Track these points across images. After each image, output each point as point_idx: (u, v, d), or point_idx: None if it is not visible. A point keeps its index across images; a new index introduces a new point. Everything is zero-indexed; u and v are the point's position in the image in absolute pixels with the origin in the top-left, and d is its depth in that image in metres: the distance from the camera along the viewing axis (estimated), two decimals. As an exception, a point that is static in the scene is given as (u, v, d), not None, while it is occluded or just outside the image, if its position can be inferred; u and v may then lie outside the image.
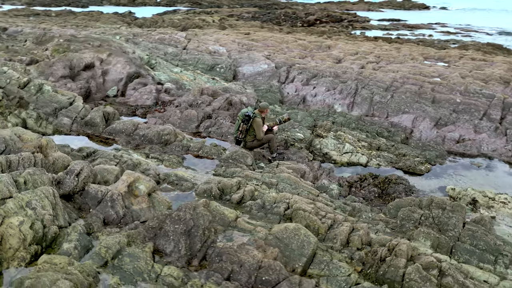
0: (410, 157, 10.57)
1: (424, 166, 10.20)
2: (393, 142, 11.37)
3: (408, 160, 10.35)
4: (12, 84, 11.48)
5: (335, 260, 5.33)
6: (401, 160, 10.48)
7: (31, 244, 5.31)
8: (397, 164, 10.42)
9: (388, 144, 11.24)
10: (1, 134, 7.74)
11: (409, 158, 10.45)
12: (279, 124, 8.81)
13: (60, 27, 29.53)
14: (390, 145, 11.18)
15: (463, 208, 6.37)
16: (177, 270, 4.89)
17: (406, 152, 10.78)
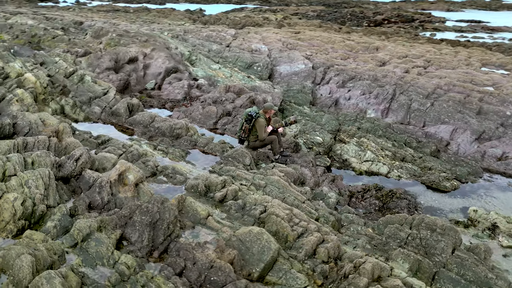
0: (436, 171, 9.73)
1: (450, 182, 9.33)
2: (421, 154, 10.55)
3: (432, 174, 9.54)
4: (60, 73, 12.66)
5: (293, 270, 5.15)
6: (426, 174, 9.69)
7: (20, 219, 5.86)
8: (420, 178, 9.67)
9: (415, 155, 10.46)
10: (28, 118, 8.62)
11: (434, 173, 9.63)
12: (285, 126, 8.65)
13: (129, 22, 31.74)
14: (417, 157, 10.39)
15: (456, 232, 5.74)
16: (132, 259, 5.08)
17: (433, 165, 9.94)
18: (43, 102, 11.25)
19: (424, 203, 8.81)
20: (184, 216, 6.03)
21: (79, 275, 4.89)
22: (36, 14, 34.95)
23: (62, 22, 30.24)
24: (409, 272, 5.37)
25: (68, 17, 32.71)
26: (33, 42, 18.48)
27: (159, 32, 19.33)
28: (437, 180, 9.32)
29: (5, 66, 12.58)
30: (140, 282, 4.82)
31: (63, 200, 6.44)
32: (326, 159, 10.40)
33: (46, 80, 11.81)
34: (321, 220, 6.47)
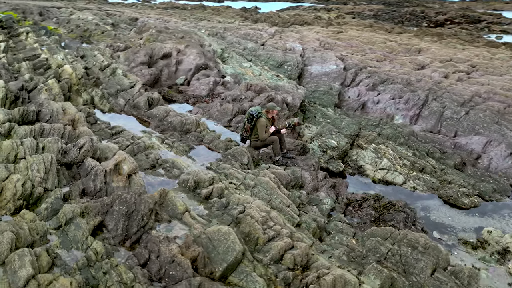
0: (456, 185, 9.01)
1: (469, 199, 8.59)
2: (444, 166, 9.82)
3: (451, 188, 8.85)
4: (96, 66, 13.50)
5: (254, 274, 5.08)
6: (444, 187, 9.02)
7: (19, 199, 6.38)
8: (437, 191, 9.02)
9: (436, 167, 9.76)
10: (51, 107, 9.31)
11: (453, 187, 8.93)
12: (288, 127, 8.46)
13: (181, 19, 32.90)
14: (439, 169, 9.69)
15: (439, 252, 5.28)
16: (101, 246, 5.31)
17: (453, 179, 9.21)
18: (77, 93, 12.07)
19: (435, 219, 8.21)
20: (164, 210, 6.18)
21: (52, 256, 5.21)
22: (100, 10, 37.47)
23: (120, 18, 32.12)
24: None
25: (127, 14, 34.65)
26: (84, 36, 19.87)
27: (197, 29, 19.84)
28: (455, 195, 8.62)
29: (49, 58, 13.68)
30: (103, 268, 5.03)
31: (62, 185, 6.89)
32: (339, 164, 10.06)
33: (82, 72, 12.66)
34: (302, 226, 6.29)
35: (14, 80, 11.24)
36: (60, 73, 12.33)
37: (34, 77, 11.76)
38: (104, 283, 4.87)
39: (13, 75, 11.73)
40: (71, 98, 11.75)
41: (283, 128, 8.37)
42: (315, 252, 5.78)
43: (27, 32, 17.62)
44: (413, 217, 7.12)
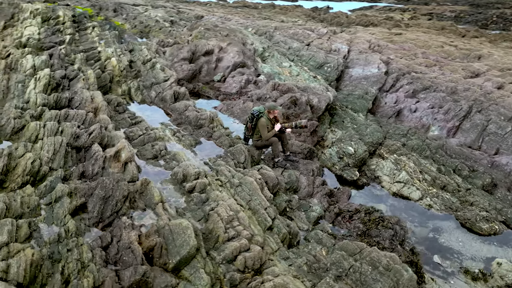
0: (477, 208, 8.10)
1: (488, 225, 7.68)
2: (471, 186, 8.86)
3: (471, 211, 7.98)
4: (140, 60, 14.41)
5: (202, 270, 5.12)
6: (464, 209, 8.16)
7: (27, 175, 7.12)
8: (454, 212, 8.20)
9: (461, 186, 8.85)
10: (82, 95, 10.18)
11: (473, 209, 8.04)
12: (294, 128, 8.17)
13: (244, 18, 33.59)
14: (464, 188, 8.77)
15: (401, 276, 4.80)
16: (73, 225, 5.74)
17: (476, 201, 8.29)
18: (117, 83, 13.01)
19: (444, 242, 7.49)
20: (142, 198, 6.47)
21: (32, 228, 5.76)
22: (173, 8, 39.68)
23: (187, 15, 33.70)
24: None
25: (196, 12, 36.29)
26: (144, 32, 21.25)
27: (244, 28, 20.07)
28: (474, 218, 7.76)
29: (102, 51, 14.90)
30: (69, 245, 5.44)
31: (67, 166, 7.53)
32: (354, 172, 9.61)
33: (125, 65, 13.60)
34: (274, 230, 6.16)
35: (64, 69, 12.46)
36: (106, 65, 13.39)
37: (82, 67, 12.92)
38: (65, 259, 5.26)
39: (64, 64, 13.00)
40: (111, 88, 12.72)
41: (289, 128, 8.11)
42: (276, 258, 5.64)
43: (93, 27, 19.33)
44: (402, 235, 6.54)
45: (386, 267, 4.97)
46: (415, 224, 8.05)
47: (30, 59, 12.71)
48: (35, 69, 12.16)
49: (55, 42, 16.17)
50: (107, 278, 4.91)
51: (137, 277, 4.89)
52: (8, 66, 12.70)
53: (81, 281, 4.99)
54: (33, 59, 12.67)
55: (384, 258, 5.09)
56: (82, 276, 5.06)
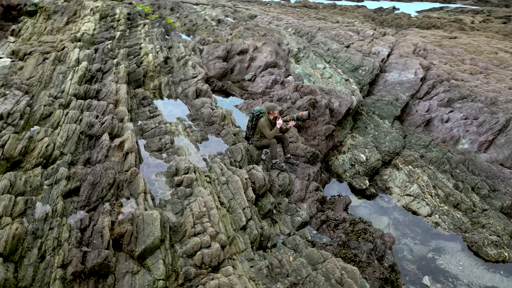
0: (488, 231, 7.38)
1: (496, 251, 6.97)
2: (488, 206, 8.09)
3: (479, 234, 7.30)
4: (175, 56, 15.04)
5: (161, 261, 5.31)
6: (473, 230, 7.49)
7: (40, 157, 7.84)
8: (463, 233, 7.55)
9: (478, 205, 8.12)
10: (109, 87, 10.89)
11: (483, 232, 7.35)
12: (296, 120, 7.91)
13: (296, 18, 33.40)
14: (480, 208, 8.04)
15: (350, 292, 4.55)
16: (61, 206, 6.23)
17: (489, 223, 7.56)
18: (150, 78, 13.71)
19: (442, 264, 6.95)
20: (130, 187, 6.82)
21: (28, 206, 6.36)
22: (232, 7, 40.60)
23: (242, 14, 34.32)
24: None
25: (251, 11, 36.83)
26: (191, 30, 22.06)
27: (283, 28, 19.94)
28: (481, 242, 7.09)
29: (143, 47, 15.78)
30: (52, 224, 5.93)
31: (77, 152, 8.16)
32: (363, 181, 9.24)
33: (160, 61, 14.29)
34: (247, 231, 6.16)
35: (103, 63, 13.42)
36: (142, 60, 14.17)
37: (121, 61, 13.81)
38: (45, 236, 5.75)
39: (105, 58, 13.98)
40: (145, 83, 13.43)
41: (291, 121, 7.90)
42: (240, 258, 5.65)
43: (144, 24, 20.52)
44: (383, 251, 6.15)
45: (339, 280, 4.75)
46: (415, 242, 7.55)
47: (76, 52, 13.87)
48: (78, 61, 13.23)
49: (106, 38, 17.43)
50: (74, 258, 5.29)
51: (99, 260, 5.20)
52: (58, 58, 13.97)
53: (53, 258, 5.43)
54: (78, 52, 13.81)
55: (338, 270, 4.86)
56: (55, 253, 5.50)
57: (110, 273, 5.29)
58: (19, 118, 9.09)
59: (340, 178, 9.71)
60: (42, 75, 12.40)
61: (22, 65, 14.05)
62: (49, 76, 12.36)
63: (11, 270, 5.18)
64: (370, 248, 6.05)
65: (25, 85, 11.61)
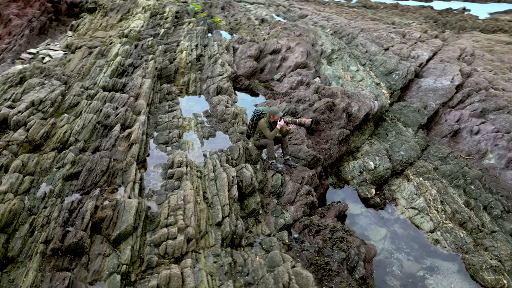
0: (490, 255, 6.79)
1: (494, 276, 6.40)
2: (498, 228, 7.42)
3: (479, 257, 6.75)
4: (207, 55, 15.48)
5: (129, 247, 5.62)
6: (474, 252, 6.94)
7: (58, 142, 8.59)
8: (463, 254, 7.03)
9: (487, 226, 7.49)
10: (135, 82, 11.53)
11: (483, 255, 6.78)
12: (297, 125, 7.81)
13: (348, 18, 32.55)
14: (488, 230, 7.41)
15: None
16: (59, 188, 6.81)
17: (493, 246, 6.94)
18: (181, 75, 14.29)
19: (431, 284, 6.54)
20: (124, 176, 7.24)
21: (33, 185, 7.04)
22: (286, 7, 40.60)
23: (294, 14, 34.22)
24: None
25: (304, 11, 36.57)
26: (234, 28, 22.49)
27: (320, 28, 19.50)
28: (479, 265, 6.55)
29: (180, 44, 16.45)
30: (46, 204, 6.52)
31: (91, 140, 8.81)
32: (369, 190, 8.92)
33: (193, 58, 14.82)
34: (221, 228, 6.28)
35: (139, 59, 14.23)
36: (176, 57, 14.80)
37: (156, 58, 14.54)
38: (38, 214, 6.34)
39: (143, 54, 14.80)
40: (175, 78, 14.02)
41: (292, 124, 7.86)
42: (206, 253, 5.79)
43: (189, 22, 21.33)
44: (355, 261, 5.90)
45: (287, 284, 4.70)
46: (409, 257, 7.16)
47: (117, 48, 14.85)
48: (117, 56, 14.16)
49: (150, 35, 18.42)
50: (55, 236, 5.78)
51: (74, 240, 5.64)
52: (101, 52, 15.06)
53: (40, 234, 5.99)
54: (118, 48, 14.78)
55: (288, 275, 4.80)
56: (43, 230, 6.05)
57: (85, 253, 5.71)
58: (49, 106, 10.00)
59: (348, 185, 9.44)
60: (82, 68, 13.48)
61: (71, 58, 15.38)
62: (88, 68, 13.40)
63: (2, 241, 5.79)
64: (342, 257, 5.86)
65: (66, 76, 12.69)
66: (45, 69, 12.62)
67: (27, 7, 20.72)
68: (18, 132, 8.67)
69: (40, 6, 20.97)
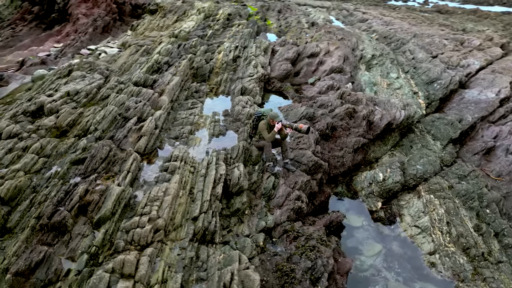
0: (486, 286, 6.10)
1: (486, 311, 5.74)
2: (506, 258, 6.62)
3: (475, 287, 6.11)
4: (244, 56, 15.73)
5: (102, 230, 6.00)
6: (470, 281, 6.30)
7: (80, 130, 9.37)
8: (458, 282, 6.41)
9: (493, 255, 6.73)
10: (164, 79, 12.12)
11: (480, 286, 6.11)
12: (293, 129, 7.64)
13: (411, 24, 30.83)
14: (494, 260, 6.65)
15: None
16: (64, 171, 7.46)
17: (492, 277, 6.22)
18: (216, 74, 14.70)
19: (412, 309, 6.06)
20: (122, 165, 7.69)
21: (45, 166, 7.79)
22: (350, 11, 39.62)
23: (355, 18, 33.31)
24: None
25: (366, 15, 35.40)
26: (283, 31, 22.51)
27: (366, 33, 18.60)
28: (471, 297, 5.92)
29: (221, 45, 16.92)
30: (49, 183, 7.18)
31: (109, 130, 9.47)
32: (375, 203, 8.49)
33: (229, 59, 15.18)
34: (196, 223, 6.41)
35: (179, 57, 14.92)
36: (212, 57, 15.27)
37: (194, 57, 15.13)
38: (39, 192, 7.01)
39: (181, 53, 15.48)
40: (210, 77, 14.48)
41: (289, 128, 7.74)
42: (173, 245, 5.97)
43: (239, 24, 21.82)
44: (321, 273, 5.61)
45: (228, 284, 4.66)
46: (398, 278, 6.68)
47: (160, 46, 15.73)
48: (159, 54, 15.00)
49: (198, 35, 19.20)
50: (45, 213, 6.36)
51: (58, 219, 6.15)
52: (147, 50, 16.07)
53: (35, 210, 6.62)
54: (161, 47, 15.64)
55: (230, 275, 4.75)
56: (39, 207, 6.68)
57: (67, 231, 6.20)
58: (83, 97, 10.93)
59: (356, 196, 9.04)
60: (125, 64, 14.49)
61: (121, 55, 16.61)
62: (130, 64, 14.37)
63: (3, 212, 6.51)
64: (308, 266, 5.64)
65: (109, 70, 13.73)
66: (92, 64, 13.79)
67: (94, 8, 22.77)
68: (49, 118, 9.63)
69: (106, 7, 22.92)
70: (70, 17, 22.13)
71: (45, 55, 17.66)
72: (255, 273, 5.09)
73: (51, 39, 20.12)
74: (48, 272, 5.56)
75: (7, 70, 15.39)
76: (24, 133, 8.93)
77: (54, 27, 22.43)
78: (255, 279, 4.94)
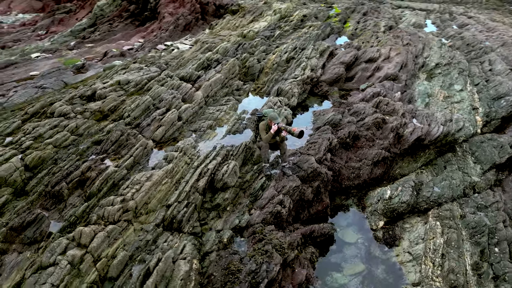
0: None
1: None
2: (500, 308, 5.63)
3: (443, 331, 5.37)
4: (297, 58, 15.60)
5: (86, 204, 6.74)
6: (443, 325, 5.56)
7: (116, 116, 10.46)
8: (430, 322, 5.70)
9: (486, 300, 5.80)
10: (207, 76, 12.72)
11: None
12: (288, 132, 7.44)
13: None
14: (486, 305, 5.72)
15: None
16: (84, 148, 8.49)
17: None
18: (265, 74, 14.91)
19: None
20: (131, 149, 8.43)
21: (73, 143, 8.95)
22: (452, 15, 36.04)
23: (451, 22, 30.30)
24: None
25: (468, 21, 31.82)
26: (356, 34, 21.55)
27: (442, 39, 16.57)
28: None
29: (279, 46, 17.03)
30: (69, 158, 8.24)
31: (140, 117, 10.37)
32: (377, 221, 7.90)
33: (281, 60, 15.27)
34: (167, 211, 6.77)
35: (233, 56, 15.48)
36: (265, 57, 15.50)
37: (249, 57, 15.54)
38: (57, 164, 8.10)
39: (238, 52, 15.99)
40: (259, 77, 14.78)
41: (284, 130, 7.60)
42: (139, 227, 6.43)
43: (310, 26, 21.61)
44: (262, 278, 5.41)
45: (152, 268, 4.90)
46: (367, 304, 6.17)
47: (219, 45, 16.50)
48: (217, 52, 15.78)
49: (265, 36, 19.60)
50: (51, 182, 7.37)
51: (57, 188, 7.11)
52: (209, 48, 17.00)
53: (48, 179, 7.70)
54: (220, 45, 16.39)
55: (155, 261, 4.96)
56: (52, 176, 7.74)
57: (63, 200, 7.11)
58: (132, 87, 12.13)
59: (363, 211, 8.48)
60: (183, 59, 15.56)
61: (188, 51, 17.85)
62: (187, 60, 15.39)
63: (24, 177, 7.72)
64: (252, 269, 5.54)
65: (166, 65, 14.92)
66: (154, 58, 15.14)
67: (181, 7, 24.75)
68: (96, 103, 10.96)
69: (190, 6, 24.74)
70: (158, 15, 24.46)
71: (128, 48, 19.87)
72: (186, 265, 5.25)
73: (138, 35, 22.53)
74: (36, 232, 6.48)
75: (92, 59, 17.77)
76: (72, 114, 10.33)
77: (145, 24, 25.03)
78: (181, 269, 5.10)
